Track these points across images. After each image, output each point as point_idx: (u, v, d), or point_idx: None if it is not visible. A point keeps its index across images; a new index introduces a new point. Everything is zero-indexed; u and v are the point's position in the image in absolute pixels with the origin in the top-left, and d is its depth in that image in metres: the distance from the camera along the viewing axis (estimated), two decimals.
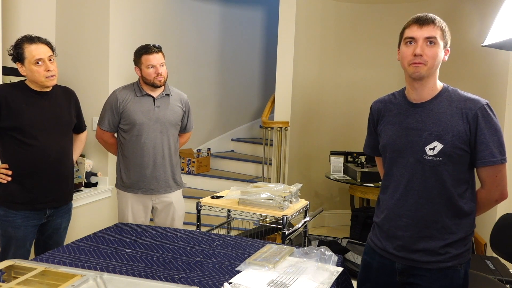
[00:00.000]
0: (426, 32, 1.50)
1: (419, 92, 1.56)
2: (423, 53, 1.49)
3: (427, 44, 1.50)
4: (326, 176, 4.37)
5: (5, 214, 2.22)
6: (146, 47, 2.53)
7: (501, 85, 3.24)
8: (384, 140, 1.64)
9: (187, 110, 2.74)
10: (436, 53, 1.51)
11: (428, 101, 1.56)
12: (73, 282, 1.34)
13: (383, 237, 1.64)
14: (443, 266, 1.54)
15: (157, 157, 2.58)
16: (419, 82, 1.54)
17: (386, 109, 1.67)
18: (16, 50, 2.16)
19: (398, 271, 1.61)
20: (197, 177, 5.09)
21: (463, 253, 1.56)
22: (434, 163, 1.50)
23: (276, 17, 4.50)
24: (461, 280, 1.56)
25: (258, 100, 6.22)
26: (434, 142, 1.50)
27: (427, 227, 1.54)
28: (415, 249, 1.56)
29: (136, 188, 2.59)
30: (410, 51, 1.51)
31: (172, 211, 2.67)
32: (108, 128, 2.62)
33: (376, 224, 1.69)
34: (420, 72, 1.50)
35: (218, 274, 1.67)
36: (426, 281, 1.56)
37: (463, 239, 1.56)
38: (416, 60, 1.49)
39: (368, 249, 1.72)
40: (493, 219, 2.97)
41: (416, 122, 1.55)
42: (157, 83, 2.53)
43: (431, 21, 1.52)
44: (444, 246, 1.53)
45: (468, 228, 1.57)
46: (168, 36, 4.70)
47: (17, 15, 3.30)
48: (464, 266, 1.57)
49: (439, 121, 1.51)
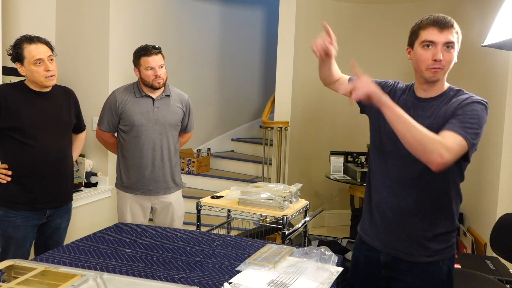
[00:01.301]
0: (446, 37, 1.47)
1: (427, 91, 1.58)
2: (442, 58, 1.48)
3: (445, 48, 1.48)
4: (326, 176, 4.37)
5: (5, 214, 2.22)
6: (145, 48, 2.50)
7: (501, 85, 3.24)
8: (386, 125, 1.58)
9: (187, 111, 2.72)
10: (453, 57, 1.51)
11: (432, 97, 1.57)
12: (73, 282, 1.34)
13: (372, 224, 1.67)
14: (425, 261, 1.56)
15: (156, 158, 2.57)
16: (431, 83, 1.55)
17: (398, 95, 1.65)
18: (16, 50, 2.16)
19: (382, 264, 1.64)
20: (197, 177, 5.09)
21: (445, 249, 1.58)
22: None
23: (276, 17, 4.50)
24: (444, 276, 1.58)
25: (258, 100, 6.22)
26: None
27: (411, 216, 1.56)
28: (399, 238, 1.59)
29: (135, 188, 2.59)
30: (428, 55, 1.49)
31: (171, 211, 2.67)
32: (108, 128, 2.61)
33: (368, 213, 1.71)
34: (437, 77, 1.51)
35: (218, 274, 1.67)
36: (409, 275, 1.59)
37: (445, 234, 1.57)
38: (436, 65, 1.48)
39: (357, 243, 1.77)
40: (493, 219, 2.97)
41: (417, 115, 1.55)
42: (155, 85, 2.51)
43: (451, 25, 1.48)
44: (426, 238, 1.55)
45: (450, 223, 1.58)
46: (168, 36, 4.70)
47: (17, 15, 3.30)
48: (447, 262, 1.58)
49: (438, 117, 1.52)
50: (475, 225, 3.69)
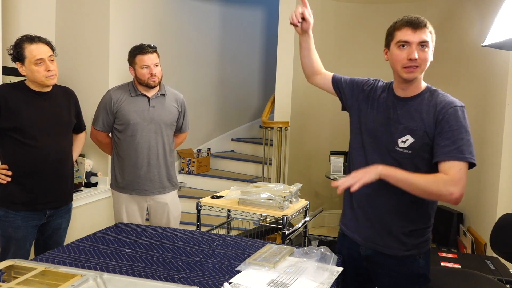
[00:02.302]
0: (419, 37, 1.53)
1: (405, 90, 1.64)
2: (417, 57, 1.53)
3: (420, 47, 1.54)
4: (326, 176, 4.37)
5: (5, 215, 2.22)
6: (141, 47, 2.50)
7: (501, 85, 3.24)
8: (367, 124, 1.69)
9: (183, 110, 2.72)
10: (428, 56, 1.56)
11: (410, 97, 1.63)
12: (73, 282, 1.34)
13: (352, 219, 1.75)
14: (402, 254, 1.64)
15: (151, 158, 2.57)
16: (408, 82, 1.60)
17: (377, 94, 1.71)
18: (16, 49, 2.16)
19: (363, 257, 1.73)
20: (197, 177, 5.09)
21: (421, 244, 1.65)
22: (404, 155, 1.58)
23: (276, 17, 4.50)
24: (421, 269, 1.66)
25: (258, 100, 6.22)
26: (407, 135, 1.57)
27: (390, 212, 1.63)
28: (378, 232, 1.66)
29: (130, 188, 2.58)
30: (404, 55, 1.55)
31: (167, 212, 2.66)
32: (103, 128, 2.60)
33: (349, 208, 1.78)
34: (413, 76, 1.57)
35: (218, 274, 1.67)
36: (387, 268, 1.68)
37: (422, 229, 1.65)
38: (411, 64, 1.54)
39: (339, 236, 1.87)
40: (493, 219, 2.97)
41: (396, 114, 1.62)
42: (151, 83, 2.51)
43: (424, 25, 1.54)
44: (403, 234, 1.63)
45: (426, 220, 1.66)
46: (168, 36, 4.70)
47: (17, 15, 3.30)
48: (423, 256, 1.66)
49: (415, 117, 1.58)
50: (475, 225, 3.69)
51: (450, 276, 2.25)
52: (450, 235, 3.93)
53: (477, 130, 3.73)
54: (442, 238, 4.00)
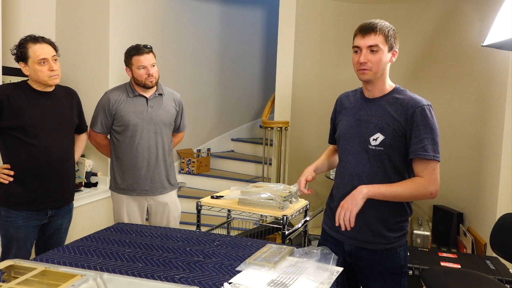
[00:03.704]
0: (368, 41, 1.65)
1: (371, 91, 1.75)
2: (367, 60, 1.65)
3: (370, 51, 1.66)
4: (326, 176, 4.37)
5: (6, 215, 2.22)
6: (137, 47, 2.50)
7: (501, 85, 3.24)
8: (339, 129, 1.84)
9: (180, 110, 2.72)
10: (380, 59, 1.66)
11: (378, 97, 1.74)
12: (73, 282, 1.34)
13: (334, 218, 1.78)
14: (383, 248, 1.73)
15: (151, 158, 2.57)
16: (369, 83, 1.72)
17: (347, 102, 1.86)
18: (20, 49, 2.16)
19: (347, 252, 1.80)
20: (197, 177, 5.09)
21: (400, 237, 1.75)
22: (377, 152, 1.68)
23: (276, 17, 4.50)
24: (402, 260, 1.76)
25: (258, 100, 6.22)
26: (377, 133, 1.68)
27: (369, 210, 1.69)
28: (360, 229, 1.72)
29: (130, 190, 2.58)
30: (356, 59, 1.69)
31: (167, 212, 2.66)
32: (101, 130, 2.60)
33: (329, 207, 1.89)
34: (366, 77, 1.68)
35: (218, 274, 1.67)
36: (372, 262, 1.75)
37: (400, 222, 1.74)
38: (362, 67, 1.67)
39: (323, 233, 1.94)
40: (493, 219, 2.98)
41: (366, 115, 1.74)
42: (148, 84, 2.51)
43: (372, 30, 1.65)
44: (384, 229, 1.71)
45: (402, 213, 1.74)
46: (168, 36, 4.70)
47: (17, 15, 3.30)
48: (403, 248, 1.76)
49: (384, 116, 1.69)
50: (475, 225, 3.69)
51: (450, 276, 2.25)
52: (450, 235, 3.94)
53: (477, 130, 3.73)
54: (442, 238, 4.00)
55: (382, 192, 1.62)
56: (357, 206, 1.60)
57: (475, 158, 3.71)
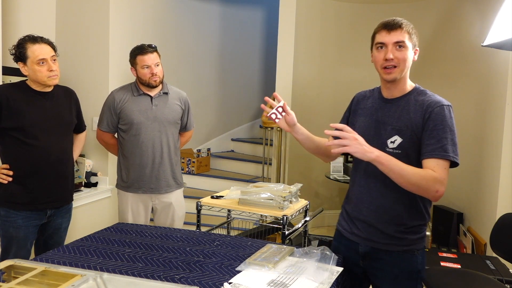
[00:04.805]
0: (394, 37, 1.60)
1: (391, 91, 1.69)
2: (393, 57, 1.60)
3: (397, 48, 1.60)
4: (326, 176, 4.37)
5: (6, 215, 2.22)
6: (141, 47, 2.53)
7: (501, 85, 3.24)
8: (356, 130, 1.70)
9: (186, 109, 2.73)
10: (406, 56, 1.61)
11: (397, 98, 1.68)
12: (73, 282, 1.34)
13: (349, 220, 1.79)
14: (401, 250, 1.68)
15: (156, 156, 2.58)
16: (392, 83, 1.66)
17: (364, 102, 1.80)
18: (19, 49, 2.16)
19: (361, 255, 1.75)
20: (197, 177, 5.09)
21: (417, 240, 1.70)
22: (394, 155, 1.59)
23: (276, 17, 4.50)
24: (419, 265, 1.70)
25: (258, 100, 6.22)
26: (395, 136, 1.63)
27: (385, 213, 1.67)
28: (376, 231, 1.69)
29: (136, 187, 2.60)
30: (381, 55, 1.62)
31: (172, 212, 2.67)
32: (108, 129, 2.63)
33: (344, 209, 1.85)
34: (392, 76, 1.62)
35: (218, 274, 1.67)
36: (387, 264, 1.70)
37: (417, 227, 1.69)
38: (388, 64, 1.61)
39: (337, 234, 1.89)
40: (493, 219, 2.97)
41: (384, 116, 1.68)
42: (152, 83, 2.53)
43: (398, 26, 1.61)
44: (401, 232, 1.67)
45: (420, 217, 1.69)
46: (168, 36, 4.70)
47: (17, 15, 3.30)
48: (420, 252, 1.71)
49: (402, 117, 1.63)
50: (475, 225, 3.69)
51: (450, 276, 2.25)
52: (450, 235, 3.93)
53: (477, 130, 3.73)
54: (442, 238, 4.00)
55: (391, 165, 1.51)
56: (360, 152, 1.49)
57: (475, 158, 3.71)
